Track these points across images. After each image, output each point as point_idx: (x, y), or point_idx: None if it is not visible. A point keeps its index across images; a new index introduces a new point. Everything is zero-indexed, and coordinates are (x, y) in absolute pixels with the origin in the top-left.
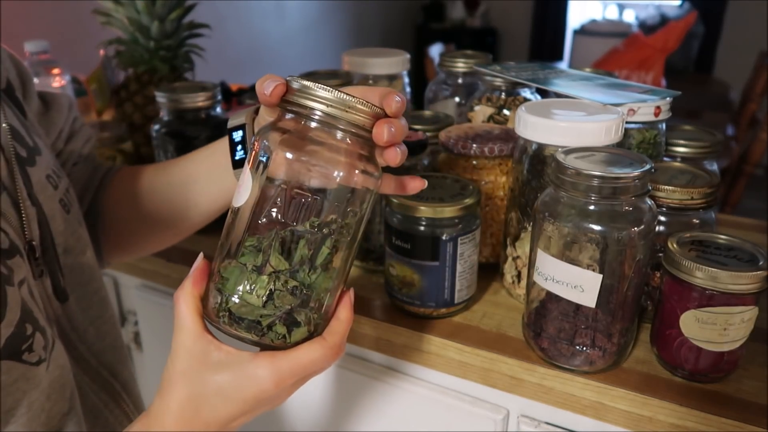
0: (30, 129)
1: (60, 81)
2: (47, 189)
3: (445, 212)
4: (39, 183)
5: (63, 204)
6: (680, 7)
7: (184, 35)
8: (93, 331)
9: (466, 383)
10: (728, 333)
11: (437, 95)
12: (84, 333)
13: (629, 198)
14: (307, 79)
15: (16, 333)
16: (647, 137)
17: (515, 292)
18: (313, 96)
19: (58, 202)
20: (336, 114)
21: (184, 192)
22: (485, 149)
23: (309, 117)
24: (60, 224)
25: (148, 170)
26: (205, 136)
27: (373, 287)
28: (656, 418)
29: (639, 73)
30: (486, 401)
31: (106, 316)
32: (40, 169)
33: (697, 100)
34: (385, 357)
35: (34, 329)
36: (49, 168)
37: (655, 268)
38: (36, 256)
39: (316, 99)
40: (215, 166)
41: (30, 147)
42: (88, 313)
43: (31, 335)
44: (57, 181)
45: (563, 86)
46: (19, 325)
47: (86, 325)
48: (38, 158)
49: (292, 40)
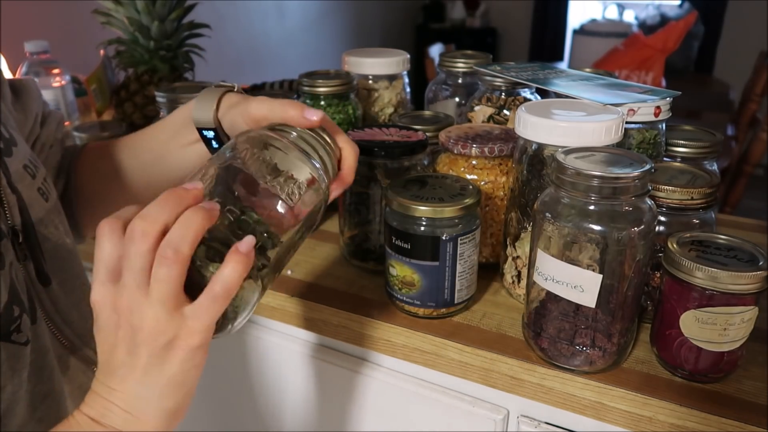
0: (4, 121)
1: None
2: (25, 178)
3: (445, 212)
4: (17, 173)
5: (41, 192)
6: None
7: (184, 35)
8: (77, 314)
9: (466, 383)
10: (728, 333)
11: (437, 95)
12: (68, 315)
13: (629, 198)
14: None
15: (4, 314)
16: (647, 137)
17: (515, 292)
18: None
19: (36, 191)
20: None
21: (154, 169)
22: (485, 149)
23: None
24: (39, 212)
25: (115, 149)
26: None
27: (373, 287)
28: (656, 418)
29: (639, 73)
30: (486, 401)
31: (88, 299)
32: (17, 160)
33: (697, 100)
34: (385, 357)
35: (21, 311)
36: (25, 158)
37: (655, 268)
38: (20, 240)
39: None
40: (181, 145)
41: (6, 138)
42: (71, 297)
43: (19, 316)
44: (34, 170)
45: (563, 86)
46: (8, 306)
47: (69, 308)
48: (14, 149)
49: (292, 40)
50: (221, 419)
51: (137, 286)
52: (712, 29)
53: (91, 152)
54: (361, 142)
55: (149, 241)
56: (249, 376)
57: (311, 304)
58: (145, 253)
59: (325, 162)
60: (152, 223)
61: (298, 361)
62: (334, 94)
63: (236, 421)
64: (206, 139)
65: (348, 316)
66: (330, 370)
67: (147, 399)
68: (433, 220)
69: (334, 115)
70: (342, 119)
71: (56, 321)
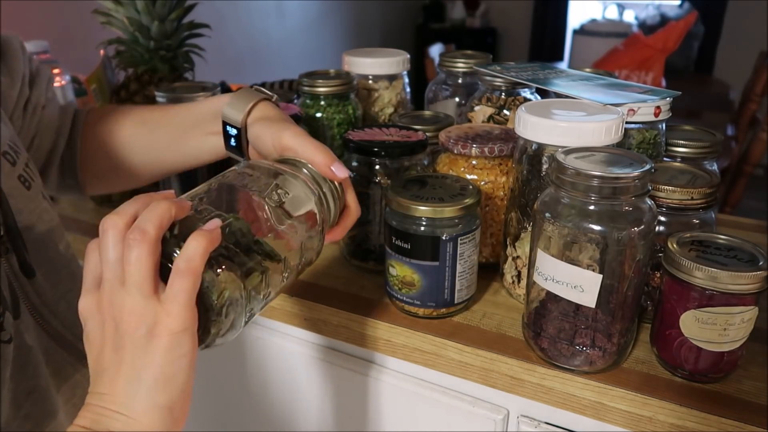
0: None
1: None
2: (4, 166)
3: (445, 212)
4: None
5: (22, 180)
6: (680, 7)
7: (184, 35)
8: (65, 305)
9: (466, 383)
10: (728, 333)
11: (437, 95)
12: (56, 307)
13: (629, 198)
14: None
15: None
16: (647, 137)
17: (515, 292)
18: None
19: (17, 179)
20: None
21: (165, 153)
22: (485, 149)
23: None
24: (19, 201)
25: (128, 124)
26: None
27: (373, 287)
28: (656, 418)
29: (639, 73)
30: (486, 401)
31: (76, 288)
32: None
33: (697, 100)
34: (385, 357)
35: (3, 308)
36: (5, 144)
37: (655, 268)
38: (0, 234)
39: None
40: (203, 132)
41: None
42: (57, 287)
43: (2, 314)
44: (15, 157)
45: (563, 86)
46: None
47: (57, 299)
48: None
49: (292, 40)
50: (221, 419)
51: (114, 276)
52: (712, 29)
53: (100, 122)
54: (361, 142)
55: (119, 231)
56: (248, 375)
57: (311, 303)
58: (117, 243)
59: (330, 207)
60: (121, 214)
61: (297, 360)
62: (334, 94)
63: (236, 420)
64: (227, 135)
65: (348, 316)
66: (330, 369)
67: (136, 396)
68: (433, 220)
69: (334, 115)
70: (342, 119)
71: (43, 313)
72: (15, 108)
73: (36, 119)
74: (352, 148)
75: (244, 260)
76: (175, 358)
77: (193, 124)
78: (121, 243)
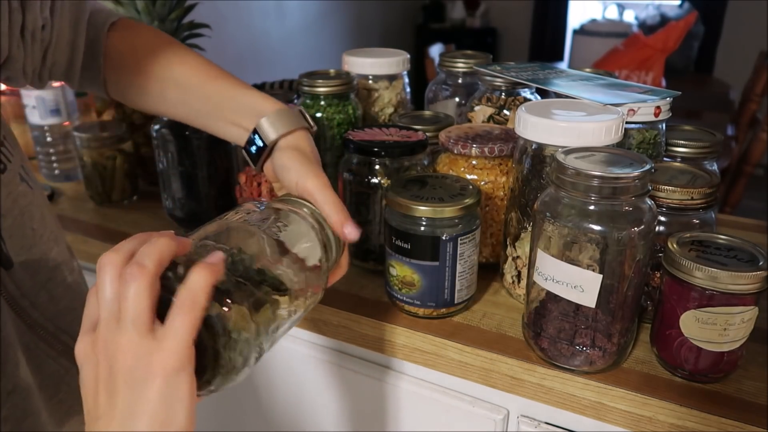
0: None
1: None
2: None
3: (445, 212)
4: None
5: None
6: (680, 7)
7: (184, 35)
8: (45, 295)
9: (466, 383)
10: (728, 333)
11: (437, 95)
12: (36, 298)
13: (629, 198)
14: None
15: None
16: (647, 137)
17: (515, 292)
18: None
19: None
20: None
21: (189, 114)
22: (485, 149)
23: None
24: None
25: (163, 75)
26: (206, 135)
27: (373, 287)
28: (656, 418)
29: (639, 73)
30: (486, 401)
31: (58, 278)
32: None
33: (697, 100)
34: (385, 357)
35: None
36: None
37: (655, 268)
38: None
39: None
40: (232, 122)
41: None
42: (36, 277)
43: None
44: None
45: (563, 86)
46: None
47: (37, 290)
48: None
49: (292, 40)
50: (221, 419)
51: (110, 315)
52: (712, 29)
53: (133, 45)
54: (361, 142)
55: (115, 268)
56: (250, 376)
57: None
58: (114, 280)
59: (332, 254)
60: (119, 252)
61: (297, 360)
62: (334, 94)
63: (236, 420)
64: (251, 140)
65: (348, 316)
66: (330, 369)
67: None
68: (433, 220)
69: (334, 115)
70: (342, 119)
71: (23, 305)
72: (11, 38)
73: (38, 42)
74: (352, 148)
75: (252, 291)
76: (171, 403)
77: (228, 108)
78: (118, 280)
